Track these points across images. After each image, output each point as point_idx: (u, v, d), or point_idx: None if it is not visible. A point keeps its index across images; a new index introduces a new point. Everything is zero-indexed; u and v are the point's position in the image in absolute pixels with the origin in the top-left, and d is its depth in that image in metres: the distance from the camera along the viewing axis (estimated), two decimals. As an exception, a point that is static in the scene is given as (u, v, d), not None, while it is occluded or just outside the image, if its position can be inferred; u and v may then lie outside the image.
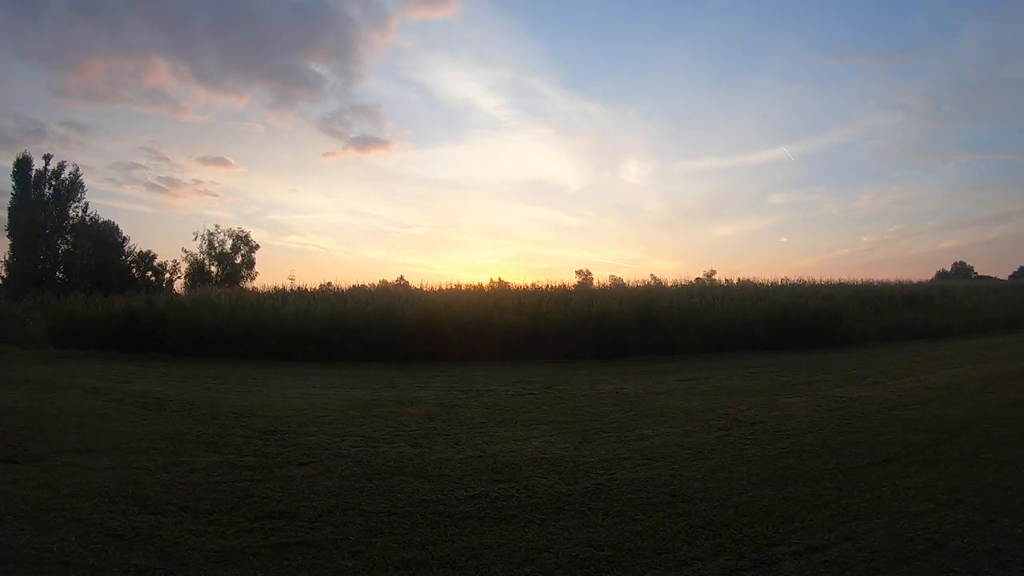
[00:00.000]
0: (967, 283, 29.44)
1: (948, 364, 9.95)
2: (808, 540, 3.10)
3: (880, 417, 5.94)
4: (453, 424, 5.89)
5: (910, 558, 2.89)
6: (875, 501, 3.64)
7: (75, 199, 32.55)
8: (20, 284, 27.35)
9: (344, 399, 7.26)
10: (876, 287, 20.03)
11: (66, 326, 13.61)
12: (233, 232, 37.02)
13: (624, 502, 3.67)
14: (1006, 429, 5.32)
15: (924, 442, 4.95)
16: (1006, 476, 4.06)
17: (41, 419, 5.78)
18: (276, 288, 17.75)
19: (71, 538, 3.08)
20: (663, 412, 6.35)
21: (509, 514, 3.49)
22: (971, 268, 47.58)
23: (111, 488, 3.83)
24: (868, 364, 10.22)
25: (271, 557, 2.94)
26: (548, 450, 4.87)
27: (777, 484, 3.97)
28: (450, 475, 4.22)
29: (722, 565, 2.85)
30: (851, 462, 4.45)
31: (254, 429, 5.55)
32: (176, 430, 5.46)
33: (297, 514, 3.47)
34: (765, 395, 7.28)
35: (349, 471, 4.29)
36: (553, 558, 2.94)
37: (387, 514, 3.49)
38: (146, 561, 2.86)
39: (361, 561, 2.90)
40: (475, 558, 2.94)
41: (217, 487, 3.92)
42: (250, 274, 36.68)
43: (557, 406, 6.80)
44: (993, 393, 7.09)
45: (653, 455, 4.68)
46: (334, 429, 5.60)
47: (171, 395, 7.34)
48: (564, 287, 17.64)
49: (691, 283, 20.16)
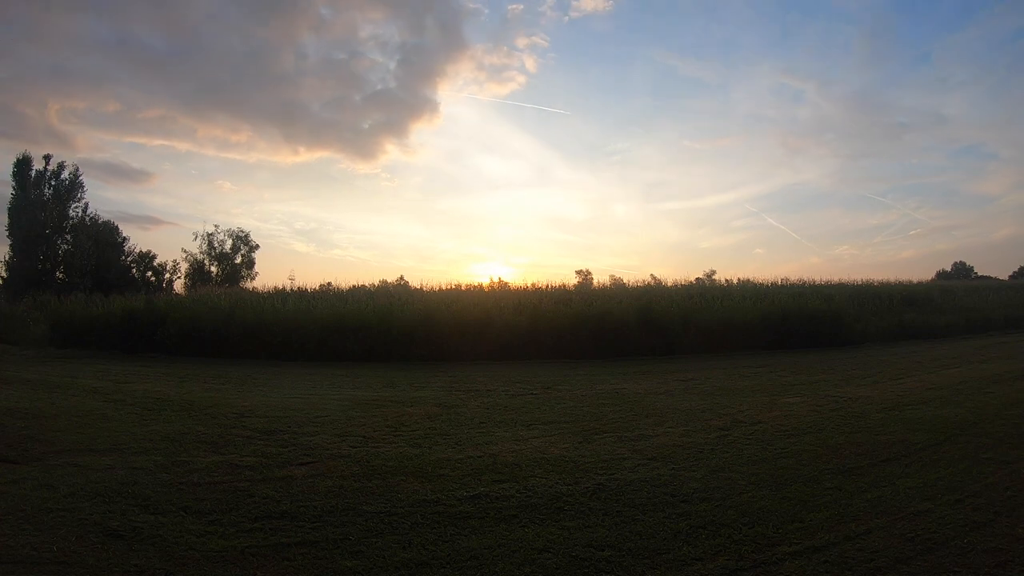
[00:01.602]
0: (967, 283, 29.42)
1: (948, 364, 9.95)
2: (808, 540, 3.10)
3: (880, 417, 5.94)
4: (453, 424, 5.89)
5: (910, 558, 2.89)
6: (875, 501, 3.65)
7: (75, 199, 32.56)
8: (20, 284, 27.36)
9: (344, 399, 7.26)
10: (876, 287, 20.02)
11: (66, 326, 13.60)
12: (233, 232, 37.01)
13: (624, 502, 3.67)
14: (1006, 429, 5.32)
15: (924, 442, 4.95)
16: (1006, 476, 4.06)
17: (41, 419, 5.78)
18: (276, 288, 17.78)
19: (71, 538, 3.09)
20: (663, 412, 6.35)
21: (509, 514, 3.50)
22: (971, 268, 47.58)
23: (111, 488, 3.83)
24: (868, 364, 10.22)
25: (271, 557, 2.94)
26: (548, 450, 4.87)
27: (777, 484, 3.98)
28: (450, 475, 4.23)
29: (722, 565, 2.85)
30: (851, 462, 4.46)
31: (254, 429, 5.55)
32: (176, 430, 5.46)
33: (297, 514, 3.47)
34: (765, 395, 7.28)
35: (349, 471, 4.30)
36: (553, 558, 2.94)
37: (387, 514, 3.49)
38: (146, 561, 2.86)
39: (361, 561, 2.91)
40: (475, 558, 2.94)
41: (217, 487, 3.93)
42: (250, 274, 36.67)
43: (557, 406, 6.80)
44: (993, 393, 7.08)
45: (653, 455, 4.68)
46: (334, 429, 5.60)
47: (171, 395, 7.34)
48: (564, 287, 17.66)
49: (691, 283, 20.16)
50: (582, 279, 25.30)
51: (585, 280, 24.54)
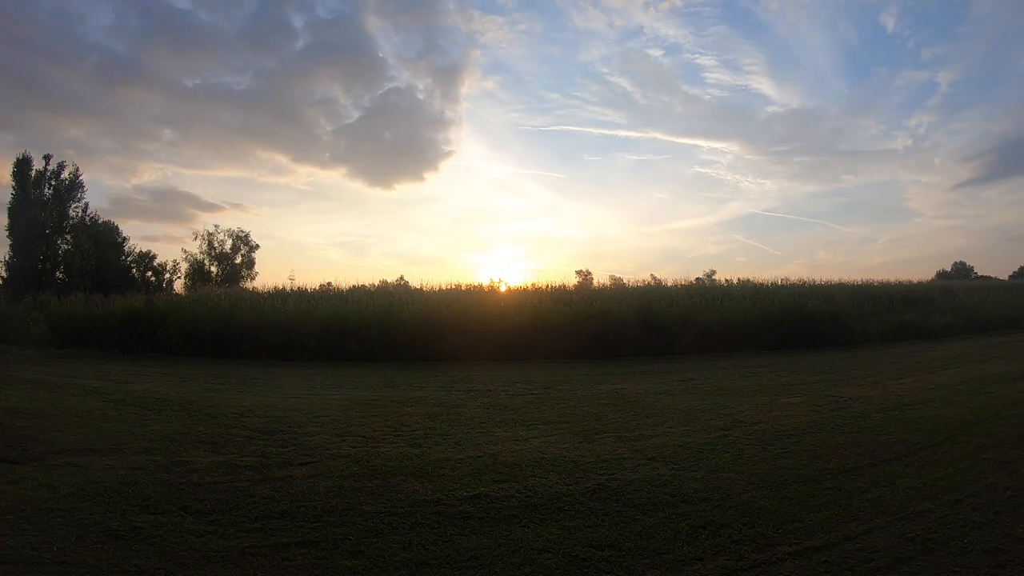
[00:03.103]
0: (967, 283, 29.39)
1: (948, 364, 9.95)
2: (808, 540, 3.10)
3: (880, 417, 5.94)
4: (453, 424, 5.89)
5: (910, 558, 2.89)
6: (875, 501, 3.65)
7: (75, 199, 32.58)
8: (20, 284, 27.36)
9: (344, 399, 7.26)
10: (876, 287, 20.00)
11: (66, 326, 13.60)
12: (233, 232, 37.05)
13: (624, 502, 3.67)
14: (1006, 429, 5.32)
15: (924, 442, 4.95)
16: (1006, 476, 4.06)
17: (41, 419, 5.78)
18: (276, 288, 17.76)
19: (71, 538, 3.09)
20: (663, 412, 6.35)
21: (509, 514, 3.50)
22: (971, 268, 47.55)
23: (111, 488, 3.83)
24: (868, 364, 10.21)
25: (271, 557, 2.94)
26: (548, 450, 4.87)
27: (777, 484, 3.97)
28: (450, 475, 4.23)
29: (722, 565, 2.85)
30: (851, 462, 4.45)
31: (254, 429, 5.55)
32: (176, 430, 5.46)
33: (297, 514, 3.47)
34: (765, 395, 7.28)
35: (349, 471, 4.29)
36: (553, 558, 2.94)
37: (387, 514, 3.49)
38: (146, 561, 2.86)
39: (361, 561, 2.91)
40: (475, 558, 2.94)
41: (217, 487, 3.92)
42: (250, 274, 36.72)
43: (557, 406, 6.79)
44: (993, 393, 7.08)
45: (653, 455, 4.68)
46: (334, 429, 5.60)
47: (171, 395, 7.34)
48: (564, 287, 17.65)
49: (691, 283, 20.16)
50: (582, 279, 25.30)
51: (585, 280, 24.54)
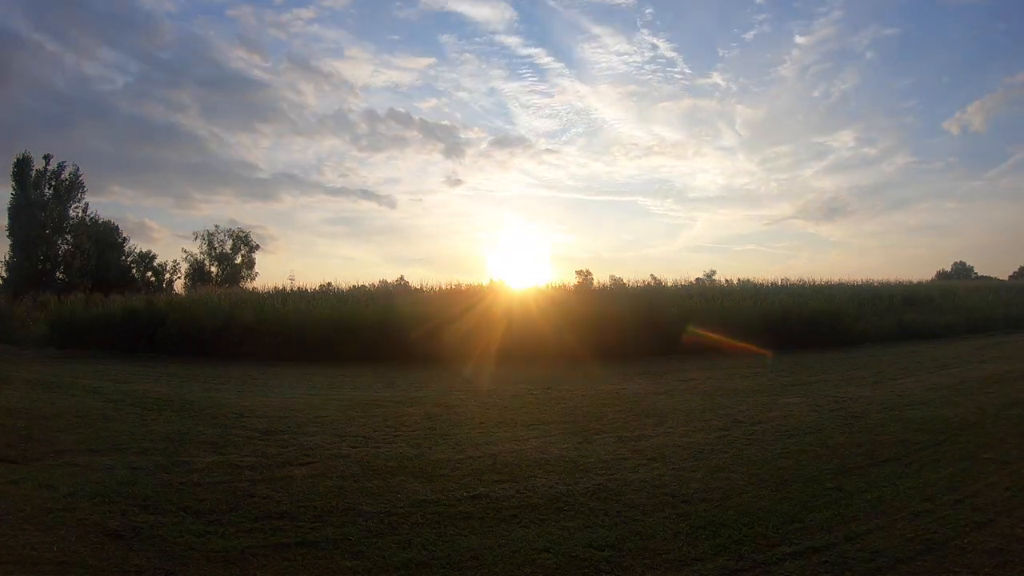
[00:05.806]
0: (967, 283, 29.38)
1: (948, 364, 9.94)
2: (808, 540, 3.10)
3: (880, 417, 5.94)
4: (453, 424, 5.89)
5: (910, 558, 2.89)
6: (875, 501, 3.65)
7: (75, 199, 32.55)
8: (20, 284, 27.33)
9: (344, 399, 7.26)
10: (876, 287, 19.99)
11: (66, 326, 13.58)
12: (233, 232, 37.03)
13: (624, 502, 3.67)
14: (1006, 429, 5.32)
15: (924, 442, 4.95)
16: (1006, 476, 4.06)
17: (41, 419, 5.78)
18: (276, 288, 17.74)
19: (71, 538, 3.09)
20: (663, 412, 6.34)
21: (509, 514, 3.50)
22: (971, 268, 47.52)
23: (111, 488, 3.83)
24: (868, 364, 10.21)
25: (271, 557, 2.94)
26: (548, 450, 4.87)
27: (777, 484, 3.97)
28: (450, 475, 4.23)
29: (722, 565, 2.85)
30: (851, 462, 4.45)
31: (254, 429, 5.55)
32: (176, 430, 5.46)
33: (297, 514, 3.47)
34: (765, 395, 7.27)
35: (349, 471, 4.30)
36: (553, 558, 2.94)
37: (387, 514, 3.49)
38: (146, 561, 2.86)
39: (361, 562, 2.91)
40: (475, 558, 2.94)
41: (217, 487, 3.93)
42: (250, 274, 36.69)
43: (557, 406, 6.79)
44: (993, 393, 7.07)
45: (653, 455, 4.68)
46: (334, 429, 5.60)
47: (171, 395, 7.34)
48: (564, 287, 17.64)
49: (691, 283, 20.12)
50: (582, 279, 25.28)
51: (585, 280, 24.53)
